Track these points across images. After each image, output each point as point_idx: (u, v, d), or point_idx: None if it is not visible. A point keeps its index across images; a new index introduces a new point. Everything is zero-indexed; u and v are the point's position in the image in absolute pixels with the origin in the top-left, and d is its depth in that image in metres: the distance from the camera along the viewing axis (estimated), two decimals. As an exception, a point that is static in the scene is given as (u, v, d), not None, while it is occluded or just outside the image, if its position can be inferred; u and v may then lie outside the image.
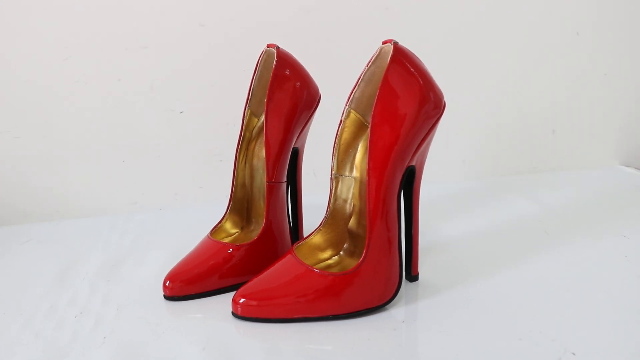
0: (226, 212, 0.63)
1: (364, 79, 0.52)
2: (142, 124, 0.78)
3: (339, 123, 0.54)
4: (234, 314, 0.51)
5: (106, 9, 0.74)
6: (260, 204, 0.63)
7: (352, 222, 0.56)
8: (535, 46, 0.83)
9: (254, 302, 0.50)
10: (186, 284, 0.55)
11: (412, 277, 0.56)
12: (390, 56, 0.49)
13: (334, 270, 0.55)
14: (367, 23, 0.79)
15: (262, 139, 0.63)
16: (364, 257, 0.49)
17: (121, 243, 0.70)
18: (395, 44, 0.49)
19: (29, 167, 0.77)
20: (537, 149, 0.87)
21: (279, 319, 0.50)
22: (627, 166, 0.87)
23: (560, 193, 0.78)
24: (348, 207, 0.56)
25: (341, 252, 0.57)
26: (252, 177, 0.64)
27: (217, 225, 0.62)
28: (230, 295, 0.56)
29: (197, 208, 0.81)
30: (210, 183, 0.82)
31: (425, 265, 0.59)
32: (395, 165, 0.49)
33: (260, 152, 0.63)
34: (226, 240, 0.61)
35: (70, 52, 0.74)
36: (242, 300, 0.51)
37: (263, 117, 0.63)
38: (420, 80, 0.49)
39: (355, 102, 0.53)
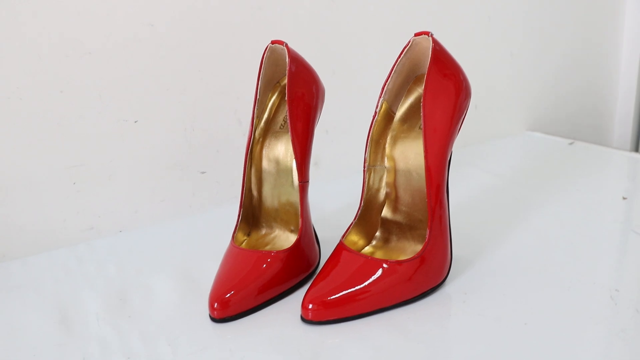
0: (238, 220, 0.60)
1: (396, 71, 0.54)
2: (91, 140, 0.69)
3: (373, 115, 0.55)
4: (305, 320, 0.50)
5: (41, 10, 0.64)
6: (275, 206, 0.61)
7: (385, 211, 0.58)
8: (454, 31, 0.91)
9: (327, 305, 0.49)
10: (235, 302, 0.51)
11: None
12: (431, 49, 0.51)
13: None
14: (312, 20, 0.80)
15: (271, 140, 0.61)
16: (428, 240, 0.51)
17: (106, 274, 0.62)
18: (433, 36, 0.51)
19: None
20: (464, 125, 0.95)
21: (353, 316, 0.50)
22: (533, 131, 1.00)
23: (499, 161, 0.88)
24: (380, 196, 0.58)
25: (373, 242, 0.58)
26: (260, 180, 0.61)
27: (233, 233, 0.59)
28: (278, 305, 0.54)
29: (161, 224, 0.75)
30: (172, 196, 0.76)
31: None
32: (447, 152, 0.52)
33: (270, 154, 0.61)
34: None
35: (-1, 63, 0.63)
36: (311, 305, 0.50)
37: (265, 118, 0.61)
38: (457, 71, 0.52)
39: (388, 94, 0.55)
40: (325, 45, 0.81)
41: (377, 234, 0.58)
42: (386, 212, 0.57)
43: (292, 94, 0.55)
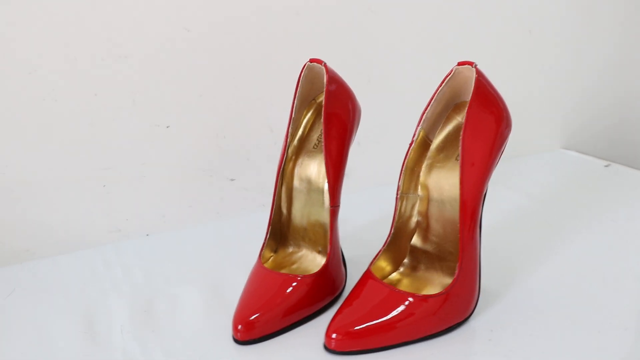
0: (266, 238, 0.60)
1: (436, 99, 0.52)
2: (123, 143, 0.69)
3: (409, 143, 0.54)
4: (328, 349, 0.50)
5: (78, 13, 0.63)
6: (303, 225, 0.60)
7: (415, 239, 0.57)
8: (493, 44, 0.89)
9: (350, 336, 0.49)
10: (260, 325, 0.51)
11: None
12: (474, 81, 0.49)
13: (402, 286, 0.55)
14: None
15: (304, 159, 0.60)
16: (458, 274, 0.50)
17: (133, 280, 0.63)
18: (477, 67, 0.50)
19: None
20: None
21: (378, 348, 0.50)
22: (567, 149, 0.98)
23: (530, 181, 0.86)
24: (411, 224, 0.57)
25: (401, 268, 0.58)
26: (290, 197, 0.61)
27: (260, 251, 0.59)
28: (302, 329, 0.53)
29: (187, 229, 0.75)
30: (200, 201, 0.76)
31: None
32: (483, 186, 0.50)
33: (302, 173, 0.60)
34: (266, 265, 0.58)
35: (36, 65, 0.63)
36: (334, 335, 0.49)
37: (299, 135, 0.60)
38: (498, 102, 0.51)
39: (426, 122, 0.53)
40: (359, 53, 0.80)
41: (405, 260, 0.57)
42: (416, 241, 0.57)
43: (328, 114, 0.54)
